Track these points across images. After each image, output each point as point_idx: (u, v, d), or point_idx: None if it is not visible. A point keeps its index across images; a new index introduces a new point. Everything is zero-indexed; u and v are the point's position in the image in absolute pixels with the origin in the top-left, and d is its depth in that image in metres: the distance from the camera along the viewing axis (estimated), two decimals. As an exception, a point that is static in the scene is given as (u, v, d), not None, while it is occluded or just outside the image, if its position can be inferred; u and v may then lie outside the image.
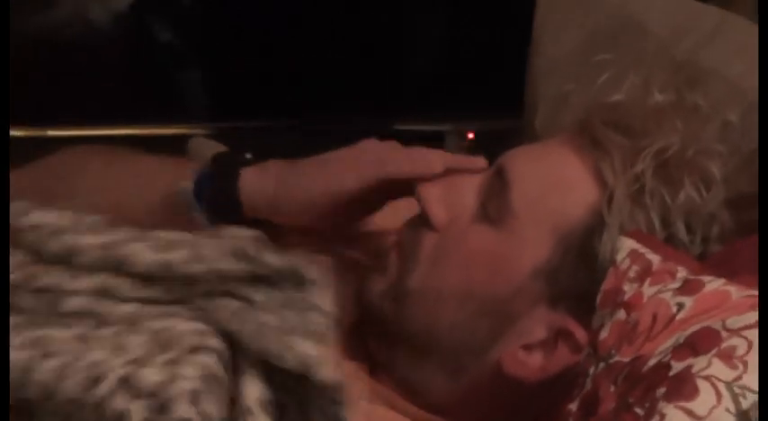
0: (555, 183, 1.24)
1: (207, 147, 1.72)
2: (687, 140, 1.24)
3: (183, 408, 0.98)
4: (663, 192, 1.23)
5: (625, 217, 1.22)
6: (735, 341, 1.07)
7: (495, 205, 1.24)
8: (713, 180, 1.25)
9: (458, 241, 1.25)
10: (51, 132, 2.23)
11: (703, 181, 1.25)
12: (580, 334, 1.19)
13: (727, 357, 1.05)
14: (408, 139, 1.31)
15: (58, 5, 2.25)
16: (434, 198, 1.26)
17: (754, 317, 1.08)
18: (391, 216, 1.33)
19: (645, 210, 1.23)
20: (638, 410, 1.06)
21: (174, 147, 1.74)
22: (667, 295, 1.14)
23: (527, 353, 1.22)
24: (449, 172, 1.28)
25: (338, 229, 1.34)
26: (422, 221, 1.27)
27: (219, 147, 1.71)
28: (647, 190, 1.23)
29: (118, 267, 1.07)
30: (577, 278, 1.21)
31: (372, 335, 1.29)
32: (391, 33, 2.27)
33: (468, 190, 1.27)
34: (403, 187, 1.28)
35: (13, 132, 2.16)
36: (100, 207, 1.35)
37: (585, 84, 1.33)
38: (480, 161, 1.30)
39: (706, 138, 1.26)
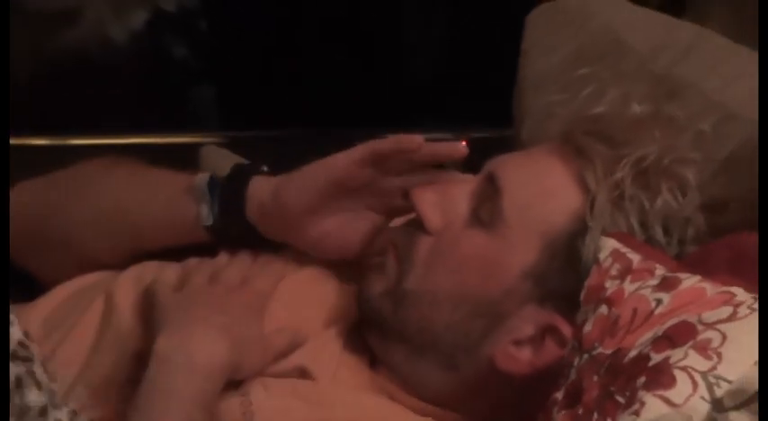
0: (542, 190, 1.25)
1: (218, 155, 1.72)
2: (664, 149, 1.25)
3: None
4: (642, 198, 1.23)
5: (606, 221, 1.23)
6: (709, 334, 1.07)
7: (487, 210, 1.24)
8: (688, 186, 1.25)
9: (452, 246, 1.25)
10: (73, 141, 2.22)
11: (679, 187, 1.25)
12: (566, 329, 1.19)
13: (703, 349, 1.05)
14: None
15: (80, 24, 2.25)
16: (429, 203, 1.26)
17: (727, 311, 1.09)
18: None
19: (625, 214, 1.23)
20: (620, 398, 1.06)
21: (188, 154, 1.75)
22: (647, 291, 1.14)
23: (517, 349, 1.22)
24: (442, 179, 1.29)
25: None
26: (417, 225, 1.27)
27: (230, 155, 1.71)
28: (626, 196, 1.23)
29: None
30: (563, 278, 1.21)
31: (372, 333, 1.29)
32: (391, 50, 2.27)
33: (461, 195, 1.27)
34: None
35: (37, 141, 2.17)
36: (107, 213, 1.36)
37: (569, 96, 1.33)
38: (461, 146, 1.30)
39: (681, 148, 1.27)
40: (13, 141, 1.33)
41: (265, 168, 1.36)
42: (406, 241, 1.27)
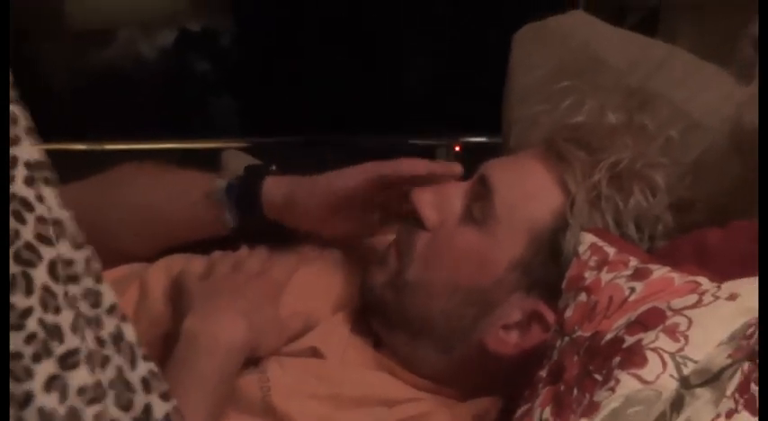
0: (528, 191, 1.25)
1: (237, 158, 1.72)
2: (636, 155, 1.25)
3: None
4: (616, 198, 1.24)
5: (585, 218, 1.23)
6: (678, 319, 1.07)
7: (479, 209, 1.24)
8: (658, 188, 1.26)
9: (447, 241, 1.25)
10: (108, 146, 2.23)
11: (650, 188, 1.25)
12: (549, 315, 1.19)
13: (671, 332, 1.05)
14: (404, 152, 1.32)
15: (114, 43, 2.25)
16: (426, 202, 1.27)
17: (693, 299, 1.09)
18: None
19: (601, 213, 1.24)
20: (597, 376, 1.06)
21: (210, 158, 1.75)
22: (621, 281, 1.14)
23: (506, 333, 1.22)
24: (437, 180, 1.29)
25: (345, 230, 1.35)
26: (415, 222, 1.27)
27: (248, 158, 1.72)
28: (603, 196, 1.23)
29: None
30: (547, 269, 1.22)
31: (375, 318, 1.29)
32: (392, 64, 2.27)
33: (455, 195, 1.27)
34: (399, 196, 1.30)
35: (76, 146, 2.17)
36: (139, 212, 1.36)
37: (551, 107, 1.33)
38: (456, 166, 1.31)
39: (652, 153, 1.27)
40: (55, 146, 1.33)
41: (274, 167, 1.36)
42: (405, 236, 1.27)
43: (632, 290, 1.13)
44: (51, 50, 2.26)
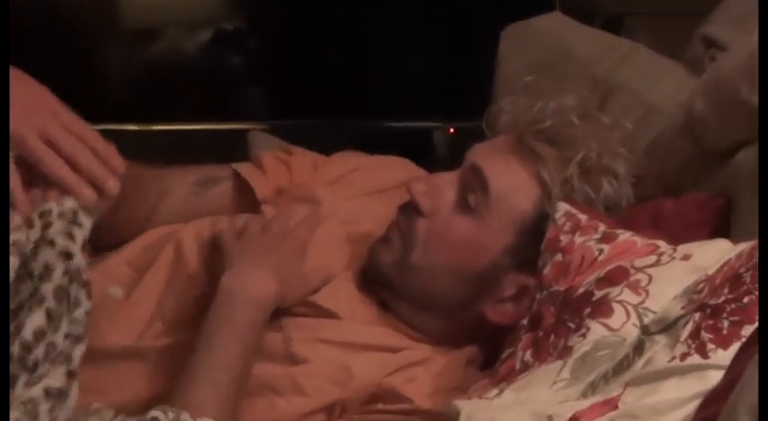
0: (513, 185, 1.21)
1: (262, 138, 1.70)
2: (601, 150, 1.22)
3: None
4: (587, 190, 1.21)
5: None
6: (639, 276, 1.06)
7: (474, 199, 1.21)
8: (621, 177, 1.23)
9: (445, 229, 1.21)
10: (155, 127, 2.22)
11: (615, 178, 1.23)
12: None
13: (634, 287, 1.05)
14: (403, 133, 1.30)
15: (161, 39, 2.25)
16: (420, 191, 1.23)
17: (653, 259, 1.08)
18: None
19: None
20: (571, 324, 1.06)
21: (239, 137, 1.73)
22: (591, 243, 1.13)
23: (502, 305, 1.20)
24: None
25: None
26: (412, 208, 1.23)
27: (271, 138, 1.69)
28: (575, 189, 1.21)
29: None
30: (533, 250, 1.18)
31: (382, 290, 1.25)
32: (392, 55, 2.26)
33: (447, 183, 1.23)
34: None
35: (128, 126, 2.16)
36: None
37: (515, 99, 1.28)
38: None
39: (613, 146, 1.24)
40: (110, 127, 1.31)
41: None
42: (406, 220, 1.23)
43: (601, 251, 1.12)
44: (108, 45, 2.26)
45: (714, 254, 1.04)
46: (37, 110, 1.01)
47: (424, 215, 1.22)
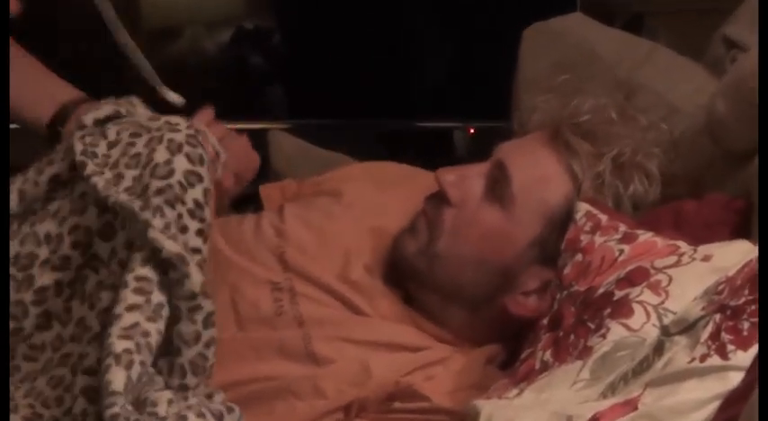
0: (541, 177, 1.22)
1: (281, 137, 1.71)
2: (636, 147, 1.23)
3: None
4: (618, 186, 1.22)
5: None
6: (660, 276, 1.06)
7: (498, 193, 1.22)
8: (654, 177, 1.24)
9: (472, 219, 1.22)
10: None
11: (647, 177, 1.23)
12: None
13: (654, 288, 1.05)
14: (424, 133, 1.31)
15: (182, 38, 2.25)
16: (449, 181, 1.23)
17: (673, 259, 1.08)
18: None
19: (603, 197, 1.22)
20: (591, 325, 1.06)
21: (260, 137, 1.74)
22: (612, 243, 1.13)
23: (525, 298, 1.20)
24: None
25: None
26: (440, 197, 1.24)
27: (290, 137, 1.70)
28: (606, 183, 1.21)
29: None
30: (558, 244, 1.18)
31: (408, 281, 1.25)
32: (412, 55, 2.26)
33: (475, 175, 1.23)
34: None
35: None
36: None
37: (551, 97, 1.30)
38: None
39: (647, 144, 1.25)
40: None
41: None
42: (434, 210, 1.24)
43: (621, 251, 1.12)
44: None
45: (735, 255, 1.04)
46: None
47: (452, 205, 1.22)
